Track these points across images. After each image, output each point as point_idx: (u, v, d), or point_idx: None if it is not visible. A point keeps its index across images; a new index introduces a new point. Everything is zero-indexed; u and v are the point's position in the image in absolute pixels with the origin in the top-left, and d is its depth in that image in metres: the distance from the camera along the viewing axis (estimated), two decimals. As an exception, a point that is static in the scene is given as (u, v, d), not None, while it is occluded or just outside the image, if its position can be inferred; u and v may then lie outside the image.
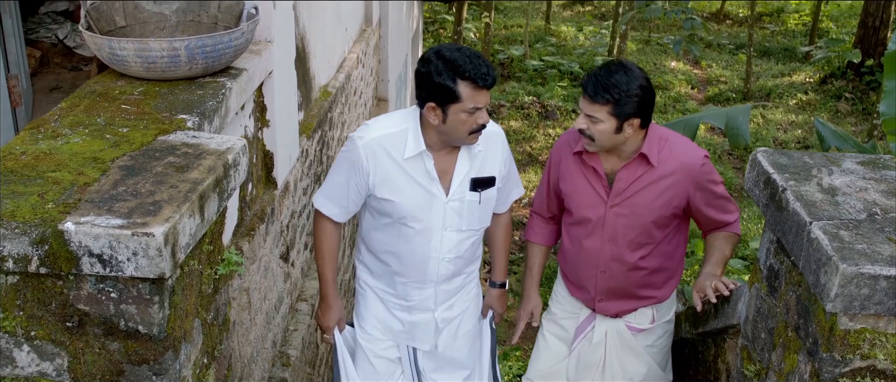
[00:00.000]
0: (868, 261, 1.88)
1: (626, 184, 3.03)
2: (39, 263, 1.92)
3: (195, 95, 2.77)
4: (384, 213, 3.03)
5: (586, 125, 2.92)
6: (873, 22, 13.60)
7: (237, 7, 2.99)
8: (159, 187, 2.09)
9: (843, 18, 19.51)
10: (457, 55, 2.77)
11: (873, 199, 2.18)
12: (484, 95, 2.80)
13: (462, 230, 3.08)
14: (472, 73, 2.74)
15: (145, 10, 2.91)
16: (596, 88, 2.83)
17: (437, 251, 3.07)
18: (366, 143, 2.92)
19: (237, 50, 2.90)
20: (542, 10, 19.87)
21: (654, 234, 3.10)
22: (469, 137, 2.88)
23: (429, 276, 3.13)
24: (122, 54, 2.71)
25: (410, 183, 2.95)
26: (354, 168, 2.95)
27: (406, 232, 3.03)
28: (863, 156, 2.48)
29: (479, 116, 2.83)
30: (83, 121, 2.51)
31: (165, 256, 1.91)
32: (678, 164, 2.99)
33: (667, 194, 3.01)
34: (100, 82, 2.85)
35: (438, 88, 2.78)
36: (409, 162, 2.93)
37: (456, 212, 3.03)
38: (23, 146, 2.31)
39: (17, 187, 2.07)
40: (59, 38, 5.47)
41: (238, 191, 3.27)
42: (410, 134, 2.92)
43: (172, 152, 2.32)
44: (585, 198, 3.12)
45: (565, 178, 3.18)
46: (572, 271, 3.32)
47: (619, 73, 2.83)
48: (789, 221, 2.16)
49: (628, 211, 3.05)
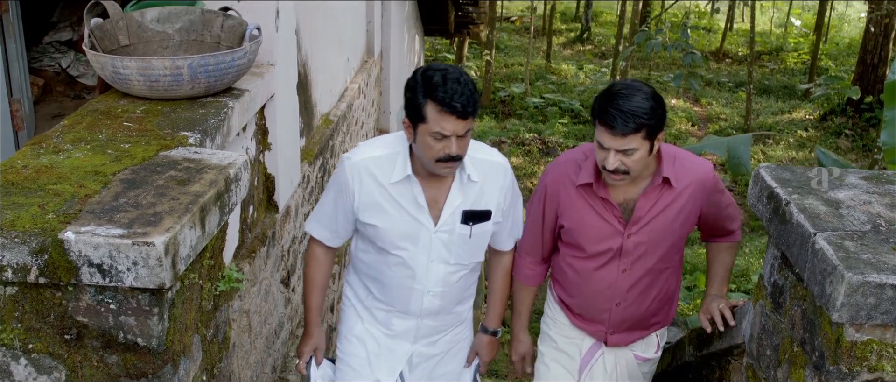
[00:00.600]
0: (874, 270, 1.86)
1: (645, 211, 2.84)
2: (39, 273, 1.90)
3: (197, 113, 2.77)
4: (368, 238, 2.87)
5: (619, 162, 2.68)
6: (872, 59, 13.69)
7: (240, 27, 3.00)
8: (160, 200, 2.08)
9: (842, 57, 19.64)
10: (436, 75, 2.56)
11: (877, 211, 2.17)
12: (452, 122, 2.55)
13: (450, 264, 2.87)
14: (441, 95, 2.53)
15: (149, 30, 2.92)
16: (625, 121, 2.60)
17: (422, 283, 2.87)
18: (353, 164, 2.76)
19: (239, 70, 2.91)
20: (542, 48, 20.03)
21: (673, 257, 2.97)
22: (437, 165, 2.64)
23: (411, 308, 2.93)
24: (124, 73, 2.72)
25: (397, 209, 2.76)
26: (341, 190, 2.79)
27: (390, 260, 2.85)
28: (866, 172, 2.47)
29: (446, 145, 2.59)
30: (85, 137, 2.51)
31: (166, 266, 1.89)
32: (691, 180, 2.85)
33: (684, 213, 2.87)
34: (102, 102, 2.86)
35: (410, 103, 2.62)
36: (397, 187, 2.75)
37: (444, 244, 2.83)
38: (24, 160, 2.31)
39: (18, 198, 2.06)
40: (63, 66, 5.50)
41: (239, 212, 3.28)
42: (400, 158, 2.74)
43: (174, 167, 2.31)
44: (597, 231, 2.90)
45: (568, 213, 2.94)
46: (580, 304, 3.08)
47: (634, 96, 2.63)
48: (793, 233, 2.15)
49: (647, 238, 2.87)
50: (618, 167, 2.68)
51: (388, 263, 2.85)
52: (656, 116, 2.63)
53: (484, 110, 15.53)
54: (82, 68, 5.58)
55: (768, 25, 23.66)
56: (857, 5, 25.24)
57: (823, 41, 19.72)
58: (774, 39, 22.15)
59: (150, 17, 2.92)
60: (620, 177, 2.73)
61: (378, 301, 2.96)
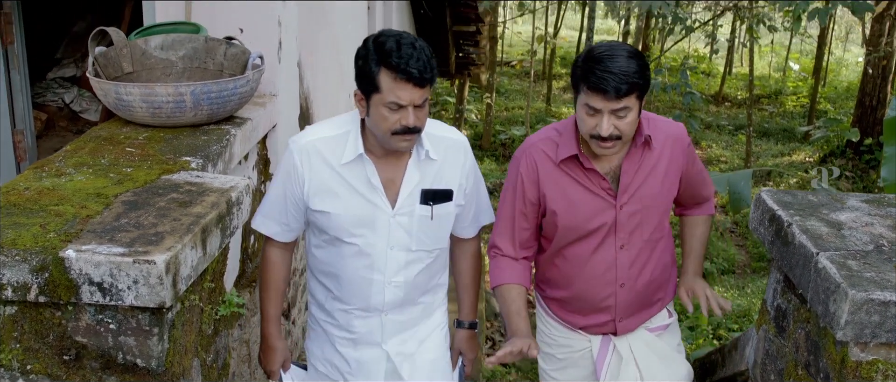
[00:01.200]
0: (877, 288, 1.85)
1: (632, 176, 2.68)
2: (39, 291, 1.90)
3: (199, 139, 2.78)
4: (320, 228, 2.62)
5: (613, 127, 2.51)
6: (870, 102, 13.75)
7: (243, 56, 3.02)
8: (162, 220, 2.08)
9: (841, 100, 19.74)
10: (389, 41, 2.35)
11: (879, 232, 2.17)
12: (409, 90, 2.35)
13: (411, 250, 2.63)
14: (396, 61, 2.31)
15: (153, 57, 2.94)
16: (618, 82, 2.44)
17: (382, 273, 2.62)
18: (301, 146, 2.52)
19: (242, 98, 2.92)
20: (542, 92, 20.13)
21: (664, 224, 2.80)
22: (393, 139, 2.42)
23: (372, 303, 2.67)
24: (128, 99, 2.73)
25: (350, 192, 2.53)
26: (289, 177, 2.55)
27: (345, 250, 2.60)
28: (867, 195, 2.48)
29: (403, 116, 2.38)
30: (87, 161, 2.52)
31: (166, 284, 1.89)
32: (666, 137, 2.72)
33: (669, 176, 2.72)
34: (105, 129, 2.87)
35: (361, 72, 2.40)
36: (348, 168, 2.52)
37: (404, 228, 2.59)
38: (26, 183, 2.32)
39: (20, 218, 2.06)
40: (66, 102, 5.54)
41: (240, 242, 3.27)
42: (350, 137, 2.52)
43: (176, 189, 2.32)
44: (588, 207, 2.70)
45: (552, 195, 2.73)
46: (579, 296, 2.85)
47: (619, 57, 2.48)
48: (796, 254, 2.14)
49: (640, 205, 2.70)
50: (612, 133, 2.51)
51: (343, 254, 2.61)
52: (644, 75, 2.51)
53: (484, 153, 15.58)
54: (85, 104, 5.61)
55: (767, 69, 23.82)
56: (855, 50, 25.44)
57: (822, 85, 19.84)
58: (773, 83, 22.28)
59: (153, 45, 2.95)
60: (612, 144, 2.55)
61: (337, 301, 2.71)
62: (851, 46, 26.34)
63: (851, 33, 26.25)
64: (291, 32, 3.67)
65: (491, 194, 10.75)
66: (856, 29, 24.85)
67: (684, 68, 9.94)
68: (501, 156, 15.51)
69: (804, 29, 21.10)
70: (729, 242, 11.41)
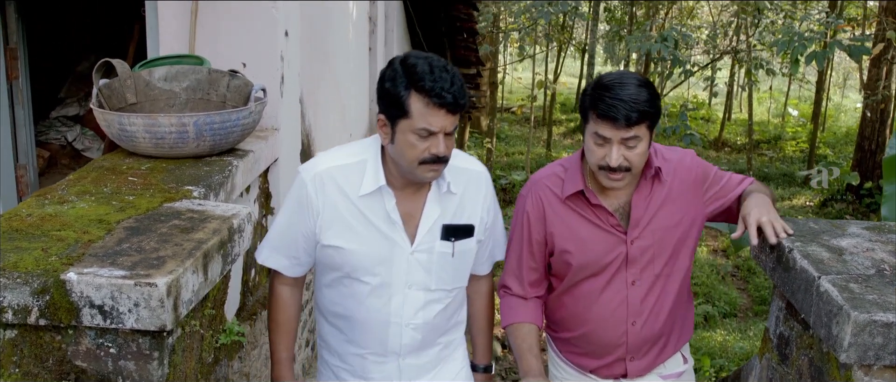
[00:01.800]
0: (880, 309, 1.85)
1: (643, 209, 2.58)
2: (39, 314, 1.89)
3: (202, 170, 2.80)
4: (331, 266, 2.43)
5: (622, 157, 2.42)
6: (869, 146, 13.80)
7: (246, 88, 3.05)
8: (163, 245, 2.09)
9: (840, 145, 19.82)
10: (420, 63, 2.21)
11: (881, 257, 2.17)
12: (441, 117, 2.20)
13: (430, 290, 2.46)
14: (430, 85, 2.17)
15: (156, 88, 2.96)
16: (628, 110, 2.35)
17: (399, 315, 2.44)
18: (315, 174, 2.35)
19: (245, 129, 2.94)
20: (542, 138, 20.22)
21: (682, 257, 2.67)
22: (420, 168, 2.26)
23: (389, 347, 2.49)
24: (131, 129, 2.75)
25: (366, 227, 2.35)
26: (301, 208, 2.37)
27: (359, 290, 2.42)
28: (867, 223, 2.48)
29: (432, 144, 2.22)
30: (90, 190, 2.52)
31: (167, 307, 1.88)
32: (676, 165, 2.62)
33: (681, 205, 2.61)
34: (107, 159, 2.89)
35: (388, 96, 2.23)
36: (366, 201, 2.34)
37: (422, 266, 2.42)
38: (29, 209, 2.32)
39: (21, 242, 2.07)
40: (68, 140, 5.57)
41: (241, 274, 3.27)
42: (369, 166, 2.35)
43: (178, 216, 2.32)
44: (598, 244, 2.60)
45: (559, 232, 2.63)
46: (589, 337, 2.72)
47: (629, 85, 2.40)
48: (798, 279, 2.14)
49: (652, 239, 2.59)
50: (621, 164, 2.42)
51: (357, 294, 2.43)
52: (654, 104, 2.42)
53: (485, 197, 15.59)
54: (87, 142, 5.64)
55: (766, 115, 23.96)
56: (853, 95, 25.60)
57: (821, 130, 19.93)
58: (772, 129, 22.39)
59: (157, 76, 2.97)
60: (621, 176, 2.46)
61: (350, 344, 2.53)
62: (849, 92, 26.52)
63: (849, 80, 26.45)
64: (294, 68, 3.71)
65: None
66: (853, 75, 25.06)
67: (683, 110, 10.00)
68: (502, 201, 15.54)
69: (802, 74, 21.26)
70: (730, 285, 11.37)
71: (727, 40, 15.33)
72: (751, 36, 13.24)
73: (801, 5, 14.67)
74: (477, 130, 18.08)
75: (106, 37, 6.24)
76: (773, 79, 24.22)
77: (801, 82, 20.87)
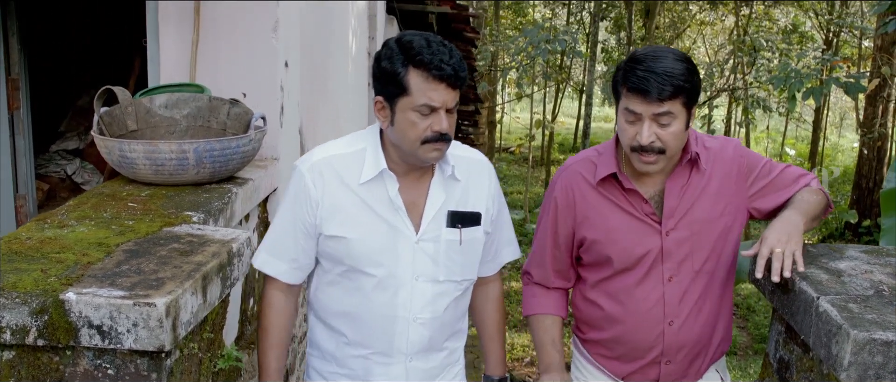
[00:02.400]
0: (879, 328, 1.85)
1: (678, 198, 2.41)
2: (38, 334, 1.89)
3: (201, 197, 2.81)
4: (335, 258, 2.32)
5: (654, 136, 2.28)
6: (867, 184, 13.84)
7: (246, 116, 3.07)
8: (163, 267, 2.09)
9: (837, 184, 19.87)
10: (416, 39, 2.16)
11: (879, 279, 2.17)
12: (442, 91, 2.14)
13: (439, 281, 2.35)
14: (429, 58, 2.12)
15: (157, 115, 2.99)
16: (661, 83, 2.21)
17: (407, 309, 2.33)
18: (312, 164, 2.27)
19: (244, 157, 2.96)
20: (541, 177, 20.27)
21: (724, 254, 2.49)
22: (423, 148, 2.20)
23: (396, 345, 2.36)
24: (131, 156, 2.76)
25: (369, 215, 2.27)
26: (300, 201, 2.28)
27: (363, 283, 2.31)
28: (865, 246, 2.49)
29: (434, 121, 2.17)
30: (90, 215, 2.53)
31: (166, 328, 1.88)
32: (717, 155, 2.46)
33: (722, 196, 2.44)
34: (107, 186, 2.90)
35: (385, 75, 2.17)
36: (367, 188, 2.27)
37: (429, 256, 2.32)
38: (28, 233, 2.33)
39: (21, 264, 2.07)
40: (68, 173, 5.59)
41: (239, 303, 3.26)
42: (368, 153, 2.28)
43: (177, 240, 2.33)
44: (631, 234, 2.44)
45: (591, 220, 2.48)
46: (622, 339, 2.54)
47: (665, 58, 2.25)
48: (797, 301, 2.14)
49: (689, 231, 2.42)
50: (653, 142, 2.27)
51: (361, 288, 2.32)
52: (692, 80, 2.26)
53: (483, 236, 15.58)
54: (87, 175, 5.66)
55: (764, 154, 24.01)
56: (850, 135, 25.72)
57: (819, 170, 19.98)
58: (770, 168, 22.44)
59: (158, 103, 3.00)
60: (654, 158, 2.31)
61: (352, 346, 2.40)
62: (846, 132, 26.64)
63: (845, 119, 26.60)
64: (293, 99, 3.73)
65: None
66: (850, 115, 25.19)
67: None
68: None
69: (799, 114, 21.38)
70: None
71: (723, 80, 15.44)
72: (747, 74, 13.34)
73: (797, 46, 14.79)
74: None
75: (106, 71, 6.30)
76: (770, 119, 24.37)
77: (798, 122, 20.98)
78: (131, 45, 5.25)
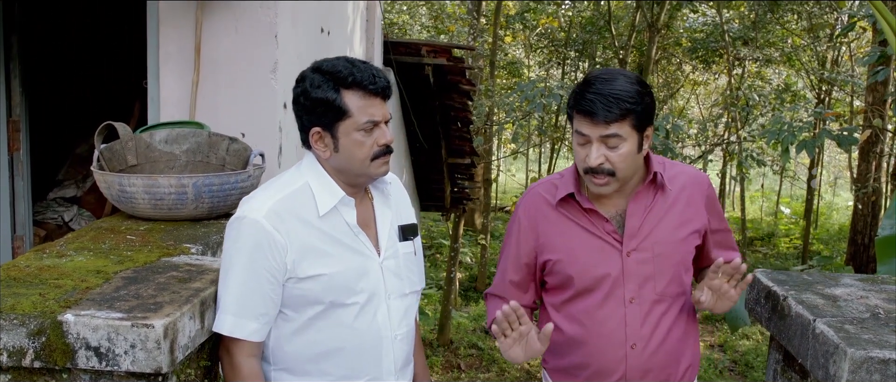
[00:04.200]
0: (876, 347, 1.85)
1: (641, 219, 2.41)
2: (35, 356, 1.89)
3: (199, 231, 2.82)
4: (308, 300, 2.22)
5: (604, 157, 2.28)
6: (862, 239, 13.85)
7: (245, 152, 3.10)
8: (161, 293, 2.10)
9: (833, 241, 19.90)
10: (338, 63, 2.19)
11: (875, 304, 2.18)
12: (378, 104, 2.19)
13: (405, 294, 2.38)
14: (360, 77, 2.15)
15: (157, 150, 3.01)
16: (607, 105, 2.22)
17: (387, 328, 2.31)
18: (268, 210, 2.16)
19: (242, 193, 2.97)
20: (537, 234, 20.23)
21: (684, 279, 2.47)
22: (373, 165, 2.23)
23: (385, 366, 2.33)
24: (130, 191, 2.78)
25: (336, 246, 2.23)
26: (261, 250, 2.14)
27: (345, 315, 2.24)
28: (860, 275, 2.49)
29: (378, 135, 2.20)
30: (88, 246, 2.55)
31: (164, 350, 1.88)
32: (686, 179, 2.47)
33: (686, 220, 2.44)
34: (106, 221, 2.92)
35: (318, 103, 2.17)
36: (326, 221, 2.22)
37: (393, 272, 2.33)
38: (27, 261, 2.34)
39: (19, 289, 2.08)
40: (65, 220, 5.59)
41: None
42: (315, 186, 2.24)
43: (175, 269, 2.34)
44: (592, 253, 2.43)
45: (552, 241, 2.49)
46: (585, 367, 2.51)
47: (616, 80, 2.27)
48: (793, 325, 2.14)
49: (651, 253, 2.41)
50: (602, 164, 2.29)
51: (343, 320, 2.26)
52: (643, 102, 2.27)
53: (479, 294, 15.54)
54: (84, 222, 5.65)
55: (759, 213, 24.09)
56: (845, 194, 25.84)
57: (814, 227, 20.03)
58: (765, 226, 22.49)
59: (158, 139, 3.02)
60: (605, 180, 2.32)
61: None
62: (841, 191, 26.76)
63: (839, 179, 26.74)
64: (292, 140, 3.76)
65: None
66: (844, 174, 25.33)
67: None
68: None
69: (793, 172, 21.50)
70: (729, 379, 11.25)
71: (716, 138, 15.59)
72: (739, 129, 13.45)
73: (789, 104, 14.96)
74: (471, 227, 18.13)
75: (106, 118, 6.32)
76: (764, 178, 24.52)
77: (792, 180, 21.09)
78: (131, 90, 5.30)
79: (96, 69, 6.45)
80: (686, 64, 19.36)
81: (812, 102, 16.40)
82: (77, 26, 6.40)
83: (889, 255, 4.25)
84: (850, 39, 15.30)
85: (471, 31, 14.42)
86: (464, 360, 10.94)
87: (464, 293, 15.36)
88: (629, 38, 16.88)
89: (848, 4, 13.01)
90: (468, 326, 12.39)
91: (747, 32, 15.39)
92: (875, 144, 11.90)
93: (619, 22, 17.92)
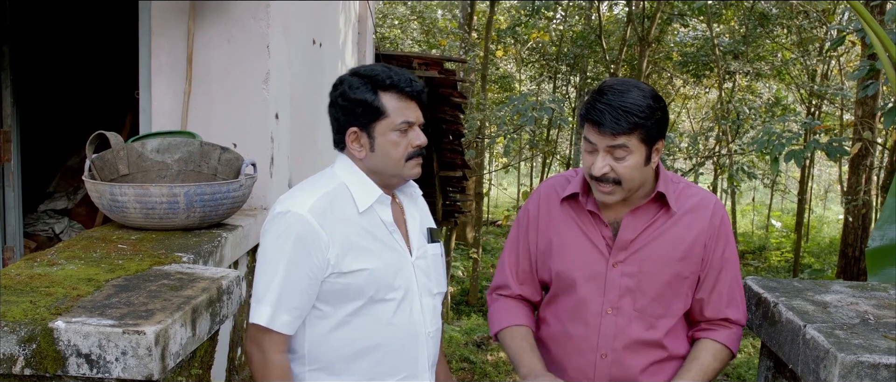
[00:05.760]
0: (866, 352, 1.86)
1: (635, 233, 2.38)
2: (25, 363, 1.88)
3: (191, 240, 2.81)
4: (352, 294, 2.25)
5: (609, 166, 2.27)
6: (853, 252, 13.88)
7: (236, 161, 3.10)
8: (153, 300, 2.09)
9: (824, 254, 19.97)
10: (376, 68, 2.28)
11: (865, 309, 2.19)
12: (414, 107, 2.28)
13: (433, 294, 2.42)
14: (397, 79, 2.24)
15: (148, 160, 3.01)
16: (616, 117, 2.21)
17: (422, 324, 2.35)
18: (311, 208, 2.21)
19: (234, 202, 2.97)
20: (529, 247, 20.25)
21: (671, 302, 2.41)
22: (407, 165, 2.30)
23: (420, 363, 2.35)
24: (122, 200, 2.78)
25: (375, 242, 2.28)
26: (305, 245, 2.18)
27: (384, 311, 2.27)
28: (850, 282, 2.51)
29: (413, 136, 2.28)
30: (79, 255, 2.54)
31: (155, 356, 1.87)
32: (695, 201, 2.42)
33: (685, 241, 2.37)
34: (97, 230, 2.91)
35: (356, 104, 2.25)
36: (365, 218, 2.28)
37: (423, 271, 2.38)
38: (18, 270, 2.33)
39: (10, 297, 2.07)
40: (56, 232, 5.57)
41: (227, 352, 3.24)
42: (353, 185, 2.30)
43: (167, 277, 2.33)
44: (578, 255, 2.43)
45: (548, 228, 2.50)
46: (563, 360, 2.50)
47: (629, 92, 2.25)
48: (784, 331, 2.15)
49: (637, 269, 2.37)
50: (606, 173, 2.27)
51: (383, 317, 2.29)
52: (654, 117, 2.25)
53: (471, 308, 15.53)
54: (75, 234, 5.64)
55: (750, 227, 24.17)
56: (835, 208, 25.93)
57: (805, 240, 20.11)
58: (757, 240, 22.57)
59: (150, 148, 3.02)
60: (610, 189, 2.30)
61: (379, 380, 2.33)
62: (831, 205, 26.86)
63: (830, 192, 26.85)
64: (284, 150, 3.77)
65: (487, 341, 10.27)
66: (834, 187, 25.45)
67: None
68: (487, 311, 15.44)
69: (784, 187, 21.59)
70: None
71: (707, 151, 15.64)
72: (730, 142, 13.51)
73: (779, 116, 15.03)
74: (463, 241, 18.14)
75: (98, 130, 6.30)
76: (755, 192, 24.59)
77: (783, 194, 21.18)
78: (123, 102, 5.30)
79: (88, 81, 6.45)
80: (677, 78, 19.46)
81: (802, 116, 16.48)
82: (69, 37, 6.40)
83: (879, 266, 4.27)
84: (840, 53, 15.41)
85: (462, 46, 14.48)
86: (456, 374, 10.92)
87: (455, 306, 15.35)
88: (620, 52, 16.97)
89: (837, 18, 13.10)
90: (460, 340, 12.38)
91: (738, 46, 15.49)
92: (865, 157, 11.96)
93: (610, 36, 18.01)
